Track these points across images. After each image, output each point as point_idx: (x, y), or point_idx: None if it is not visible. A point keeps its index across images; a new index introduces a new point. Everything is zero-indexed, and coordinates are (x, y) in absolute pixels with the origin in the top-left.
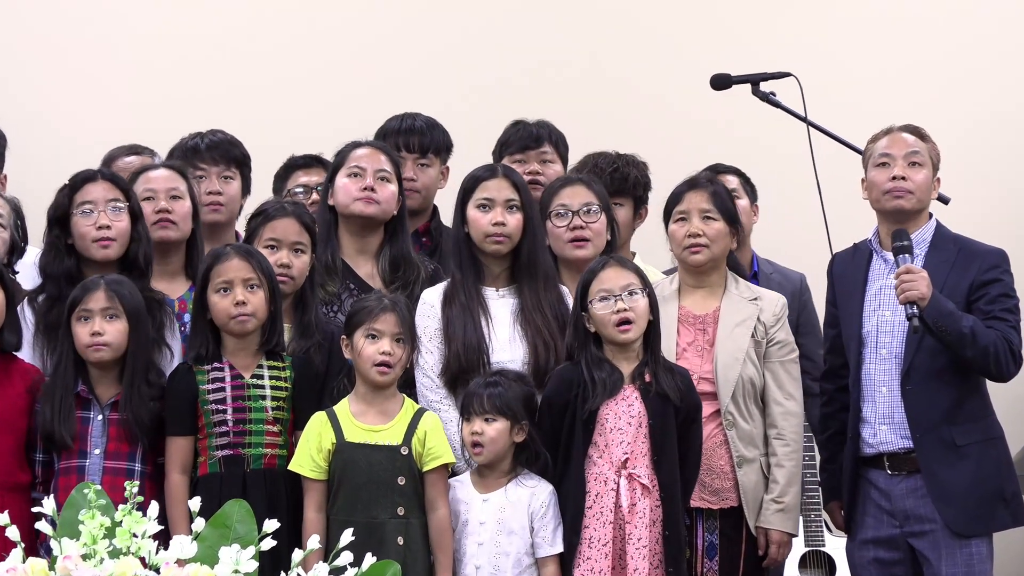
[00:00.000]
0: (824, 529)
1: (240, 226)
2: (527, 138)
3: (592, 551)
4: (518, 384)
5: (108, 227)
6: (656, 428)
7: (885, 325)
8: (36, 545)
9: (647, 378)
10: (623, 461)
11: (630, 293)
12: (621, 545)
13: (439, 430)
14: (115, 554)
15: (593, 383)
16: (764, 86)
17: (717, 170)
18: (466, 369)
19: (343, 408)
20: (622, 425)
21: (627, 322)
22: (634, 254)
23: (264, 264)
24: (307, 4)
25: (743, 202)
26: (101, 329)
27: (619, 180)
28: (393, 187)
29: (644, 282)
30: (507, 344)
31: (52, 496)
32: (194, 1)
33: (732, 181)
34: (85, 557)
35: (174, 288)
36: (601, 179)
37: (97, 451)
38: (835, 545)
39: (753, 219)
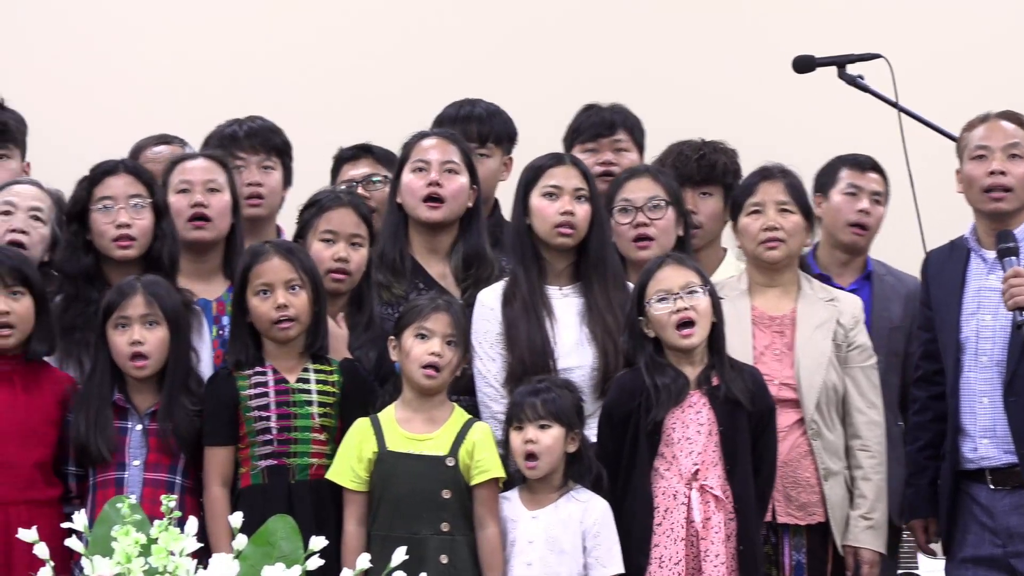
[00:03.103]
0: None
1: (282, 220)
2: (599, 124)
3: (664, 571)
4: (567, 391)
5: (128, 225)
6: (728, 435)
7: (986, 331)
8: (68, 563)
9: (714, 381)
10: (693, 472)
11: (690, 292)
12: (695, 563)
13: (490, 442)
14: (151, 573)
15: (656, 391)
16: (851, 68)
17: (866, 163)
18: (531, 375)
19: (388, 414)
20: (690, 434)
21: (688, 324)
22: (725, 250)
23: (307, 263)
24: None
25: (882, 209)
26: (141, 338)
27: (706, 168)
28: (463, 179)
29: (705, 280)
30: (574, 348)
31: (86, 511)
32: None
33: (877, 182)
34: None
35: (212, 288)
36: (687, 168)
37: (136, 463)
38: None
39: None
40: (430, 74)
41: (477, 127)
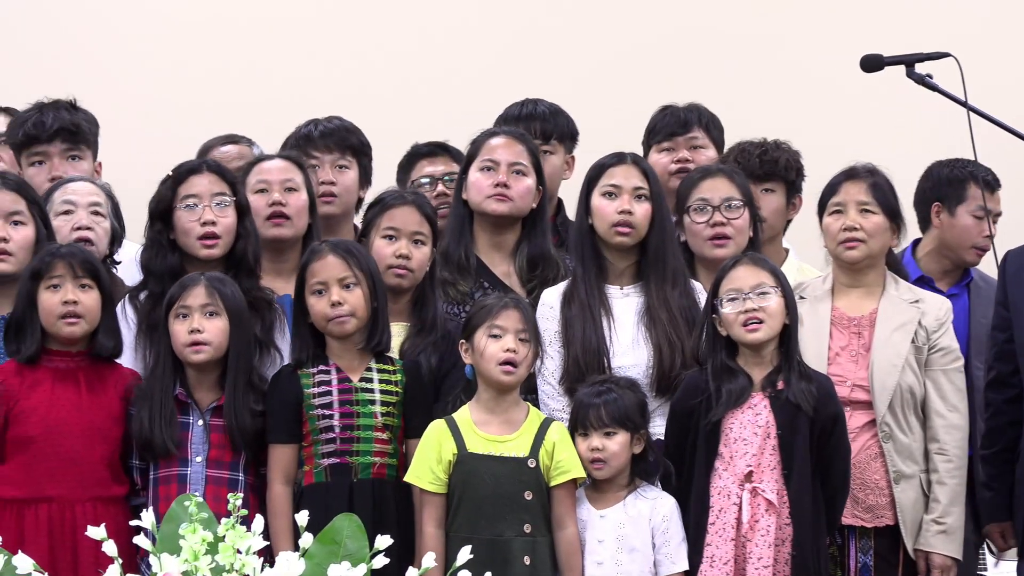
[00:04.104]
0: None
1: (359, 219)
2: (674, 123)
3: (714, 571)
4: (630, 391)
5: (213, 223)
6: (786, 439)
7: None
8: (136, 560)
9: (779, 385)
10: (747, 474)
11: (761, 293)
12: (743, 564)
13: (568, 442)
14: (218, 571)
15: (718, 392)
16: (919, 67)
17: (994, 186)
18: (585, 374)
19: (463, 416)
20: (747, 435)
21: (755, 320)
22: (787, 250)
23: (363, 260)
24: None
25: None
26: (200, 326)
27: (769, 164)
28: (530, 180)
29: (779, 281)
30: (630, 347)
31: (151, 506)
32: None
33: (999, 200)
34: (186, 574)
35: (290, 287)
36: (749, 163)
37: (199, 459)
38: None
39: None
40: (490, 72)
41: (541, 125)
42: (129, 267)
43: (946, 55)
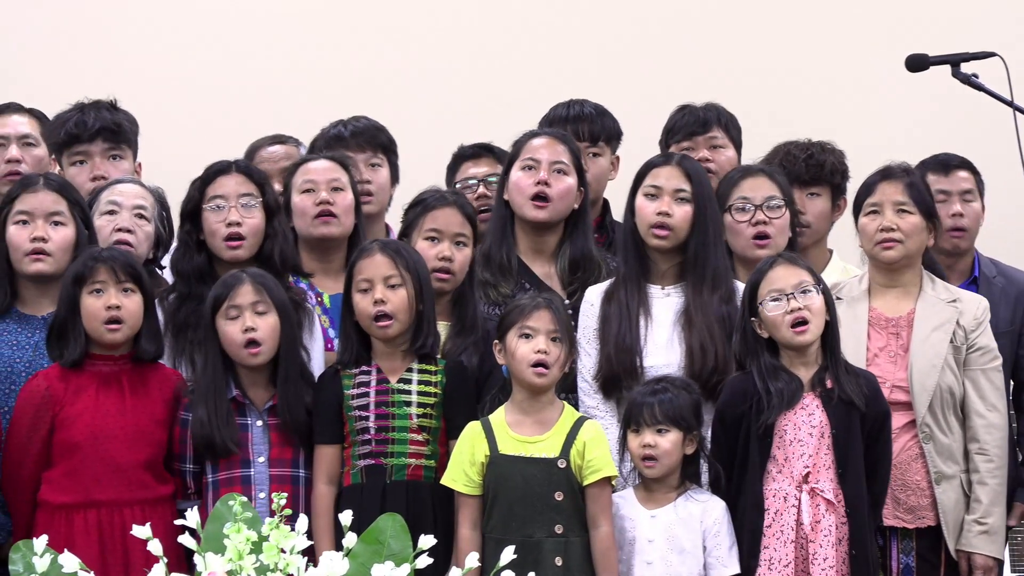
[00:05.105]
0: None
1: (390, 218)
2: (693, 123)
3: (773, 573)
4: (685, 392)
5: (238, 224)
6: (841, 438)
7: None
8: (183, 560)
9: (828, 384)
10: (804, 475)
11: (803, 291)
12: (804, 566)
13: (601, 440)
14: (262, 571)
15: (768, 394)
16: (965, 67)
17: (950, 164)
18: (617, 373)
19: (498, 417)
20: (802, 436)
21: (803, 322)
22: (831, 252)
23: (410, 260)
24: None
25: (976, 205)
26: (254, 324)
27: (814, 168)
28: (571, 180)
29: (818, 279)
30: (664, 347)
31: (207, 510)
32: None
33: (966, 180)
34: (231, 573)
35: (339, 286)
36: (795, 168)
37: (262, 459)
38: None
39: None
40: (536, 74)
41: (588, 127)
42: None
43: (992, 55)
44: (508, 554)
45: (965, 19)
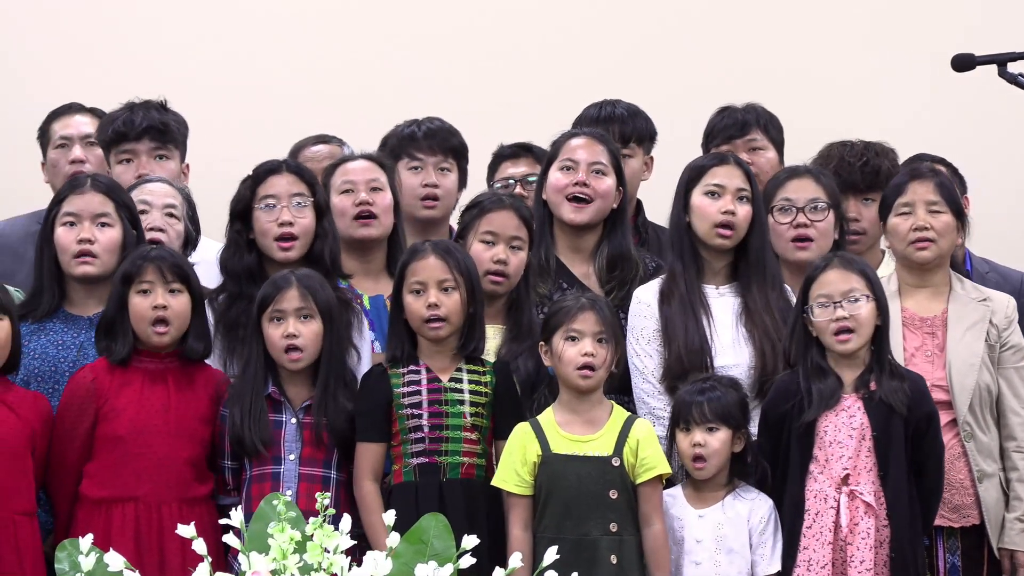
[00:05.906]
0: None
1: (454, 220)
2: (732, 126)
3: (810, 574)
4: (732, 389)
5: (291, 224)
6: (881, 441)
7: None
8: (226, 558)
9: (872, 386)
10: (844, 477)
11: (852, 300)
12: (842, 568)
13: (652, 438)
14: (306, 570)
15: (809, 394)
16: (1012, 67)
17: (922, 160)
18: (688, 373)
19: (547, 418)
20: (842, 438)
21: (846, 331)
22: (883, 252)
23: (463, 264)
24: None
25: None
26: (296, 331)
27: (870, 175)
28: (610, 181)
29: (870, 284)
30: (731, 347)
31: (242, 505)
32: None
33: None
34: (275, 573)
35: (378, 287)
36: (851, 176)
37: (292, 457)
38: None
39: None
40: (569, 75)
41: (620, 127)
42: (211, 266)
43: None
44: (551, 554)
45: (1011, 18)
